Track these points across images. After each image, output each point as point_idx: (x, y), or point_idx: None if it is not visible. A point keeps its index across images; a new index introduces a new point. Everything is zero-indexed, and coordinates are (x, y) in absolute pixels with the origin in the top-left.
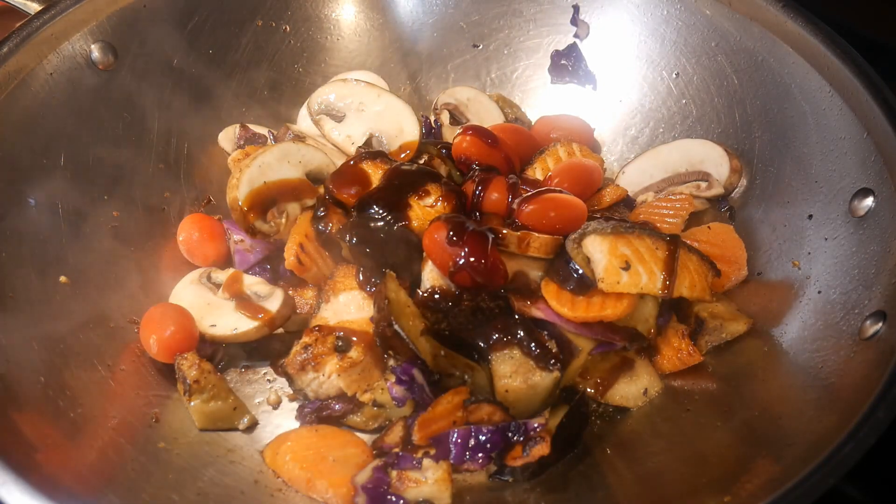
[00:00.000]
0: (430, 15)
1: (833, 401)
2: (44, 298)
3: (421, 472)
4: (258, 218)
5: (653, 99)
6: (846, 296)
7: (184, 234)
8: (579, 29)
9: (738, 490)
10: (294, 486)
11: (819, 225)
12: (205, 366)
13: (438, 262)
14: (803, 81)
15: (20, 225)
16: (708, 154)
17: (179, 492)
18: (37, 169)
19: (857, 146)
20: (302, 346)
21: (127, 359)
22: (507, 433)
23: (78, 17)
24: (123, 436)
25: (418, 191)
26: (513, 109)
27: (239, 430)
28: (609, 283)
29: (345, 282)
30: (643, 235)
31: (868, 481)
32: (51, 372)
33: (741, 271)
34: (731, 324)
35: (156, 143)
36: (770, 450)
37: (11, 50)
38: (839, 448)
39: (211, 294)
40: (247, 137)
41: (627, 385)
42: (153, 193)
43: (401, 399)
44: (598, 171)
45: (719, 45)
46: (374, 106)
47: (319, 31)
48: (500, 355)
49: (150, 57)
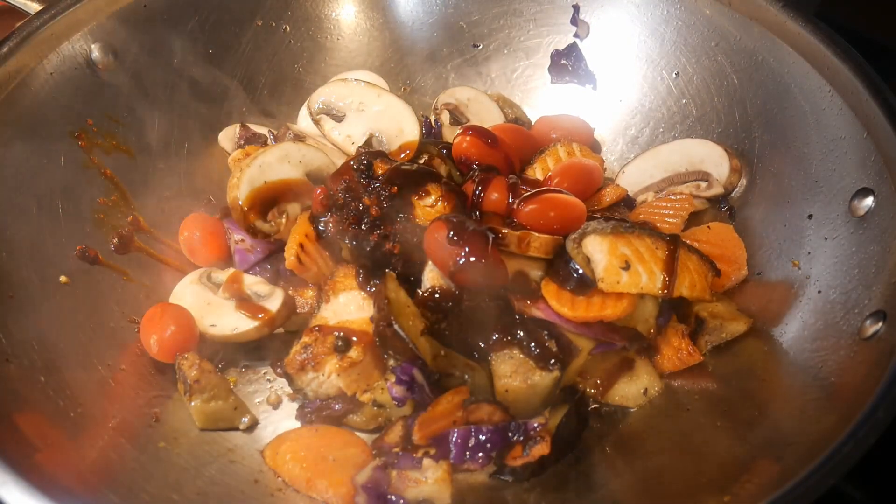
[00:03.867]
0: (430, 15)
1: (833, 401)
2: (44, 298)
3: (421, 472)
4: (258, 218)
5: (653, 99)
6: (846, 296)
7: (184, 234)
8: (579, 29)
9: (738, 490)
10: (294, 485)
11: (819, 225)
12: (205, 366)
13: (439, 261)
14: (803, 81)
15: (20, 225)
16: (708, 154)
17: (179, 492)
18: (37, 169)
19: (857, 146)
20: (302, 346)
21: (127, 359)
22: (507, 433)
23: (78, 17)
24: (123, 436)
25: (418, 191)
26: (513, 109)
27: (239, 430)
28: (609, 283)
29: (345, 282)
30: (643, 235)
31: (868, 481)
32: (51, 372)
33: (741, 271)
34: (731, 324)
35: (156, 143)
36: (770, 450)
37: (11, 50)
38: (839, 448)
39: (211, 294)
40: (247, 137)
41: (627, 385)
42: (153, 193)
43: (401, 399)
44: (598, 171)
45: (719, 45)
46: (374, 106)
47: (319, 31)
48: (500, 355)
49: (150, 57)
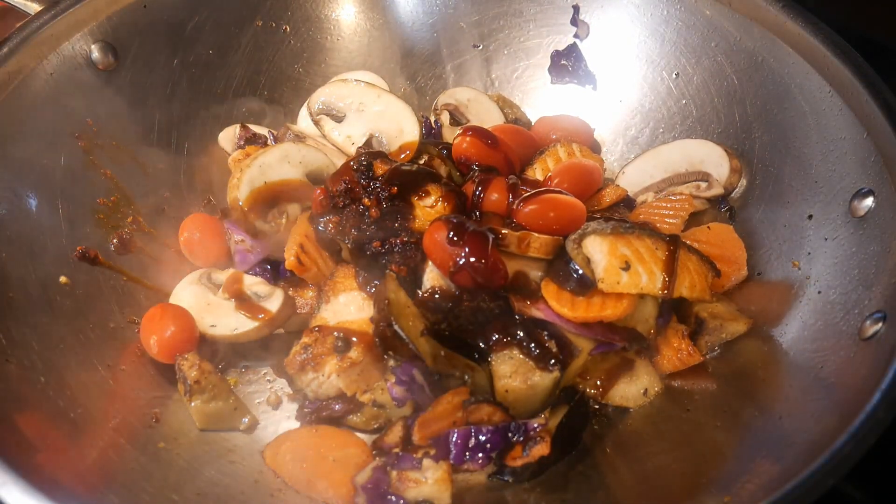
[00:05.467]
0: (430, 15)
1: (833, 401)
2: (44, 298)
3: (421, 472)
4: (259, 218)
5: (653, 99)
6: (846, 296)
7: (184, 234)
8: (579, 29)
9: (738, 490)
10: (294, 486)
11: (819, 225)
12: (205, 366)
13: (439, 262)
14: (803, 81)
15: (20, 225)
16: (708, 154)
17: (179, 492)
18: (37, 169)
19: (857, 146)
20: (302, 347)
21: (127, 359)
22: (507, 433)
23: (78, 17)
24: (123, 436)
25: (418, 191)
26: (513, 110)
27: (239, 431)
28: (609, 283)
29: (345, 282)
30: (643, 236)
31: (868, 481)
32: (51, 372)
33: (741, 271)
34: (731, 324)
35: (156, 144)
36: (770, 450)
37: (11, 50)
38: (839, 448)
39: (211, 294)
40: (247, 137)
41: (627, 385)
42: (153, 193)
43: (401, 399)
44: (598, 172)
45: (719, 45)
46: (374, 106)
47: (319, 32)
48: (500, 355)
49: (150, 57)
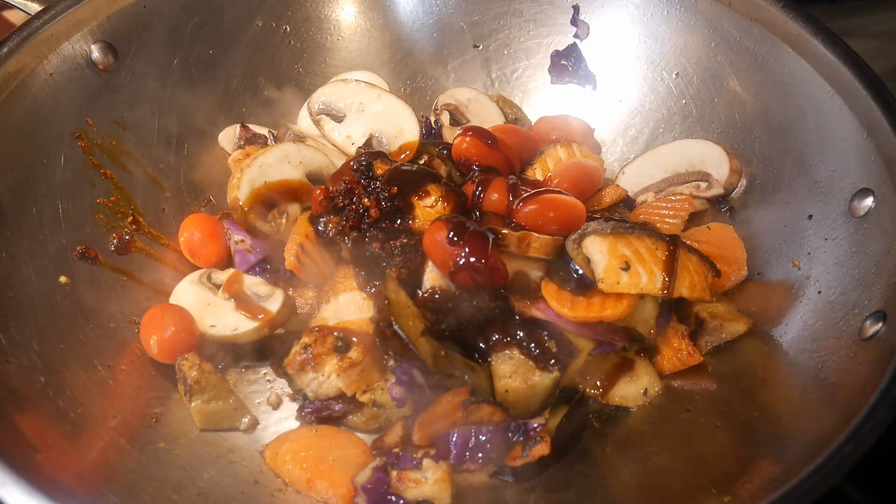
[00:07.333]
0: (430, 15)
1: (833, 401)
2: (44, 298)
3: (421, 472)
4: (259, 218)
5: (653, 99)
6: (846, 296)
7: (184, 235)
8: (579, 29)
9: (738, 490)
10: (294, 486)
11: (819, 225)
12: (205, 366)
13: (439, 262)
14: (803, 81)
15: (20, 225)
16: (708, 154)
17: (179, 492)
18: (37, 169)
19: (857, 146)
20: (302, 347)
21: (127, 359)
22: (507, 433)
23: (78, 17)
24: (123, 436)
25: (418, 191)
26: (513, 110)
27: (239, 431)
28: (609, 283)
29: (345, 282)
30: (643, 236)
31: (868, 481)
32: (51, 372)
33: (741, 271)
34: (731, 324)
35: (156, 144)
36: (770, 450)
37: (11, 50)
38: (839, 448)
39: (211, 294)
40: (247, 137)
41: (627, 385)
42: (153, 193)
43: (401, 399)
44: (597, 172)
45: (719, 45)
46: (374, 106)
47: (319, 32)
48: (500, 356)
49: (150, 57)
